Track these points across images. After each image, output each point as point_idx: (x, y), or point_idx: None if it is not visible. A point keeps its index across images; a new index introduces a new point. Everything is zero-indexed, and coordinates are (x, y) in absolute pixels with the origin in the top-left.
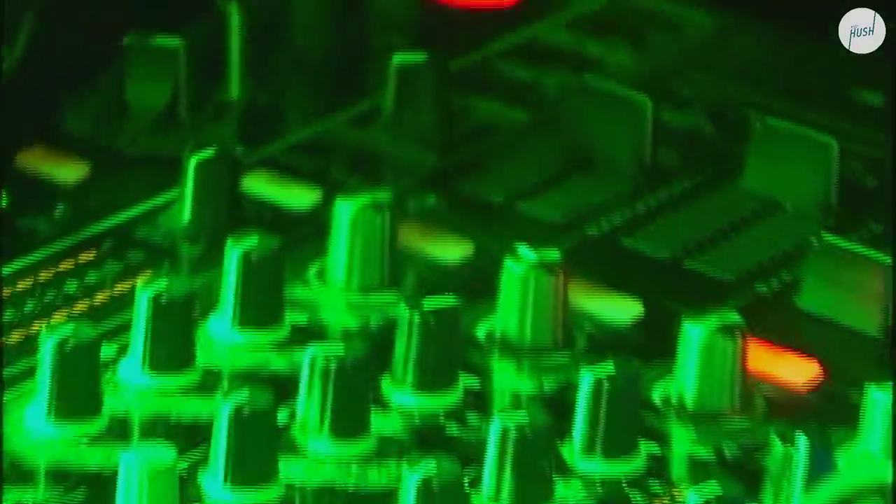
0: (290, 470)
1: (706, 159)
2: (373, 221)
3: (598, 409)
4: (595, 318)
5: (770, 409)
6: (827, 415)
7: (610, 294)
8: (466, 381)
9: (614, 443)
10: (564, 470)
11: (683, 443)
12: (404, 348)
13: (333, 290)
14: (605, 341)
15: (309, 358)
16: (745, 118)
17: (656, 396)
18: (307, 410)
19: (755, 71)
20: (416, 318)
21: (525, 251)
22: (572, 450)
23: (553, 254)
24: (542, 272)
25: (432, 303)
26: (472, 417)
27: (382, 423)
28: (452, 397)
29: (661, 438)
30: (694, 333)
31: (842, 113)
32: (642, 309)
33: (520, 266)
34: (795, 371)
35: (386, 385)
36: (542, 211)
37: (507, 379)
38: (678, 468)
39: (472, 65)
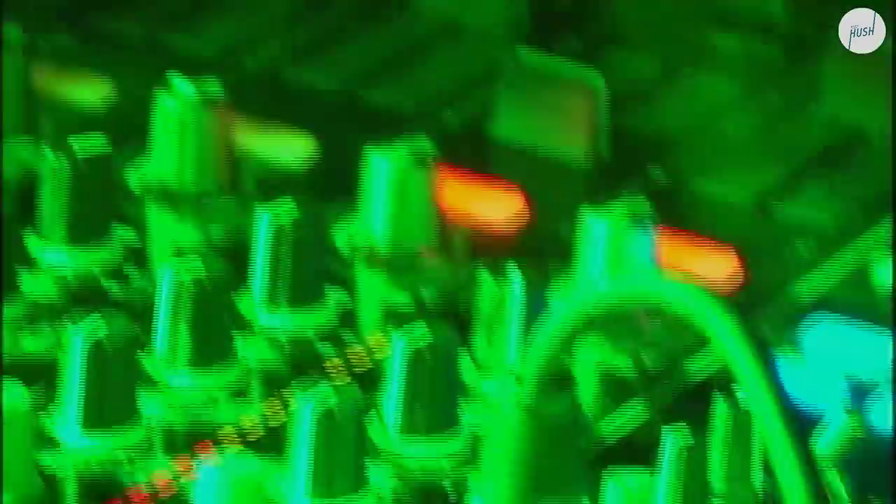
0: None
1: None
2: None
3: (278, 254)
4: (263, 158)
5: (472, 247)
6: (535, 249)
7: (277, 131)
8: (122, 233)
9: (299, 292)
10: (244, 325)
11: (376, 289)
12: (50, 200)
13: None
14: (277, 183)
15: None
16: None
17: (341, 239)
18: None
19: None
20: (64, 164)
21: (181, 85)
22: (251, 303)
23: (212, 87)
24: (202, 108)
25: (79, 147)
26: (133, 273)
27: (31, 285)
28: (108, 252)
29: (351, 285)
30: (380, 167)
31: None
32: (315, 146)
33: (176, 102)
34: (497, 205)
35: (32, 242)
36: (192, 44)
37: (167, 229)
38: (371, 317)
39: None
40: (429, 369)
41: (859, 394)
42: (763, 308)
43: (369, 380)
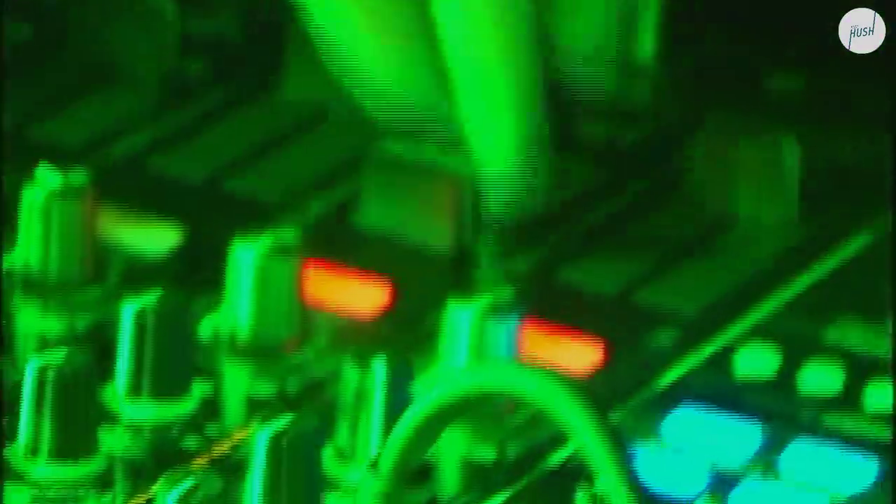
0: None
1: (239, 69)
2: None
3: (142, 345)
4: (128, 248)
5: (336, 337)
6: (399, 339)
7: (142, 221)
8: None
9: (163, 384)
10: (108, 416)
11: (241, 380)
12: None
13: None
14: (142, 273)
15: None
16: (282, 20)
17: (206, 331)
18: None
19: None
20: None
21: (46, 175)
22: (116, 394)
23: (78, 177)
24: (65, 199)
25: None
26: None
27: None
28: None
29: (216, 377)
30: (244, 258)
31: None
32: (180, 236)
33: (42, 192)
34: (361, 295)
35: None
36: (59, 134)
37: (31, 319)
38: (236, 409)
39: None
40: (291, 460)
41: (721, 483)
42: (626, 397)
43: (233, 470)
